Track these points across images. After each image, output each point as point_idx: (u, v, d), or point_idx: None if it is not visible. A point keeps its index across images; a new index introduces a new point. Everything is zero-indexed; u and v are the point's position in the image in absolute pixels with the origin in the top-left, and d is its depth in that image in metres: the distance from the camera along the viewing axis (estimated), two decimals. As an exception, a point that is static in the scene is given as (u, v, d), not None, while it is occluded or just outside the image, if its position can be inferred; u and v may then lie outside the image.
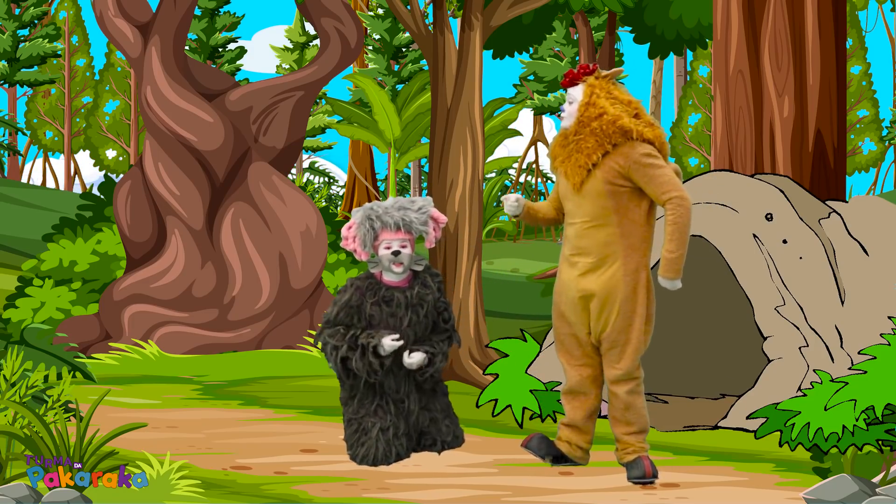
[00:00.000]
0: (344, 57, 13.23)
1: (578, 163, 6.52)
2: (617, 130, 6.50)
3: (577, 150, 6.55)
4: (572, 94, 6.63)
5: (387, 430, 6.92)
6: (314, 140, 40.25)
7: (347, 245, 7.01)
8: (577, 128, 6.57)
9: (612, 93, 6.60)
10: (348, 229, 7.01)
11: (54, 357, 8.73)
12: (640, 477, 6.44)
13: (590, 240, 6.53)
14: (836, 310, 7.66)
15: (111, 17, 12.89)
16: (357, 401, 7.01)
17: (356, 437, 6.97)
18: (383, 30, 34.87)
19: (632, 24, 19.17)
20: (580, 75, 6.65)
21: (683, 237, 6.41)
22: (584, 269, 6.54)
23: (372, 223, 6.93)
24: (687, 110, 35.54)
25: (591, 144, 6.50)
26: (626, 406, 6.57)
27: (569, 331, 6.67)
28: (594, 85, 6.62)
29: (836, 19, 10.04)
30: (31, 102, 41.15)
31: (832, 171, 9.95)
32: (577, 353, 6.69)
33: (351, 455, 6.96)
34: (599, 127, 6.51)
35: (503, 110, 27.96)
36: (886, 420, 6.72)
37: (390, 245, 6.91)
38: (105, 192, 14.08)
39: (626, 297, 6.48)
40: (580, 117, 6.56)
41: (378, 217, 6.93)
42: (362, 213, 6.98)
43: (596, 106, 6.55)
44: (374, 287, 6.97)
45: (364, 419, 6.95)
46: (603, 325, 6.53)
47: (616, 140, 6.49)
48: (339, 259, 14.26)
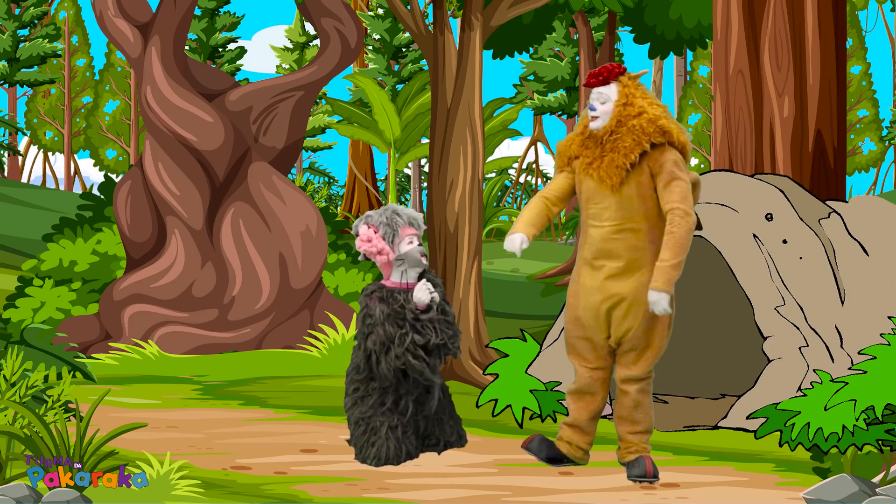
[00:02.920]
0: (344, 57, 13.23)
1: (616, 162, 6.37)
2: (657, 130, 6.39)
3: (612, 149, 6.40)
4: (605, 94, 6.47)
5: (395, 428, 6.94)
6: (314, 140, 40.24)
7: (372, 249, 7.00)
8: (613, 127, 6.43)
9: (646, 94, 6.52)
10: (367, 240, 7.01)
11: (54, 357, 8.73)
12: (640, 475, 6.43)
13: (619, 244, 6.44)
14: (836, 310, 7.66)
15: (111, 17, 12.89)
16: (370, 404, 7.02)
17: (365, 438, 6.97)
18: (383, 30, 34.87)
19: (632, 24, 19.18)
20: (615, 74, 6.54)
21: (679, 248, 6.31)
22: (611, 272, 6.45)
23: (393, 221, 6.98)
24: (687, 110, 35.54)
25: (629, 143, 6.37)
26: (635, 404, 6.54)
27: (582, 334, 6.61)
28: (629, 84, 6.51)
29: (836, 19, 10.04)
30: (31, 102, 41.14)
31: (832, 171, 9.95)
32: (591, 356, 6.64)
33: (361, 457, 6.95)
34: (639, 125, 6.37)
35: (503, 110, 27.96)
36: (886, 420, 6.72)
37: (412, 240, 6.98)
38: (105, 192, 14.08)
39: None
40: (618, 116, 6.42)
41: (397, 214, 7.01)
42: (381, 214, 7.03)
43: (634, 105, 6.44)
44: (392, 292, 6.98)
45: (372, 419, 6.97)
46: (627, 328, 6.47)
47: (656, 139, 6.37)
48: (339, 259, 14.26)
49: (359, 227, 7.08)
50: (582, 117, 6.64)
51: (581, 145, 6.54)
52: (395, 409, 6.98)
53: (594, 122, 6.49)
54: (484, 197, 25.13)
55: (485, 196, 29.93)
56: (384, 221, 7.01)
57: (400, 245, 6.97)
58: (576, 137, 6.59)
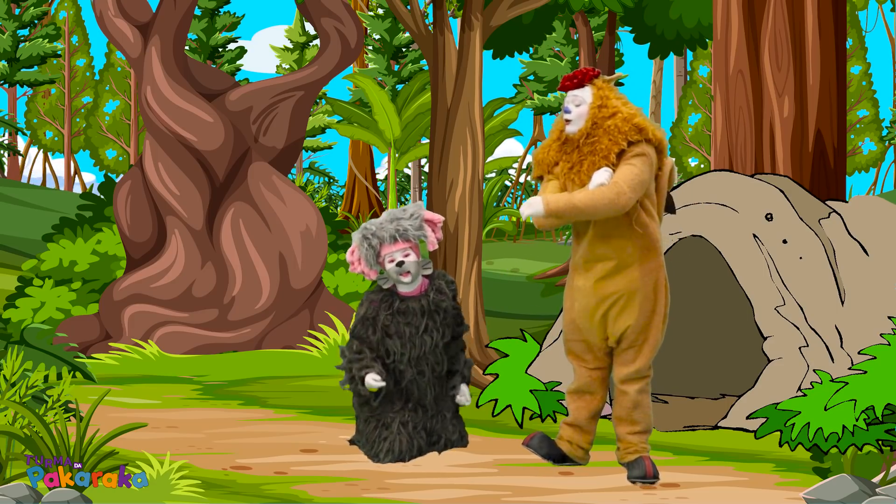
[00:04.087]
0: (344, 57, 13.23)
1: (596, 165, 6.36)
2: (633, 128, 6.39)
3: (591, 152, 6.39)
4: (580, 97, 6.47)
5: (406, 423, 6.96)
6: (314, 140, 40.25)
7: (355, 269, 7.10)
8: (589, 130, 6.42)
9: (620, 95, 6.53)
10: (352, 254, 7.09)
11: (54, 357, 8.72)
12: (640, 477, 6.43)
13: (607, 246, 6.44)
14: (836, 310, 7.66)
15: (111, 17, 12.89)
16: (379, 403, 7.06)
17: (376, 434, 6.99)
18: (383, 30, 34.87)
19: (632, 24, 19.19)
20: (589, 77, 6.54)
21: (587, 201, 6.25)
22: (603, 273, 6.46)
23: (369, 241, 7.02)
24: (687, 110, 35.55)
25: (606, 144, 6.35)
26: (634, 404, 6.54)
27: (579, 337, 6.63)
28: (602, 87, 6.51)
29: (836, 19, 10.04)
30: (31, 102, 41.15)
31: (832, 171, 9.95)
32: (589, 357, 6.66)
33: (372, 453, 6.97)
34: (614, 125, 6.37)
35: (503, 110, 27.95)
36: (886, 420, 6.72)
37: (393, 258, 6.98)
38: (105, 192, 14.08)
39: (646, 296, 6.45)
40: (593, 118, 6.41)
41: (373, 234, 7.03)
42: (359, 234, 7.09)
43: (608, 107, 6.45)
44: (389, 299, 7.05)
45: (383, 415, 6.99)
46: (624, 326, 6.48)
47: (632, 137, 6.35)
48: (339, 259, 14.26)
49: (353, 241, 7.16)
50: (556, 122, 6.62)
51: (559, 151, 6.53)
52: (406, 408, 7.02)
53: (569, 125, 6.49)
54: (484, 197, 25.13)
55: (485, 196, 29.93)
56: (357, 242, 7.07)
57: (385, 264, 7.02)
58: (552, 143, 6.56)
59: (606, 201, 6.28)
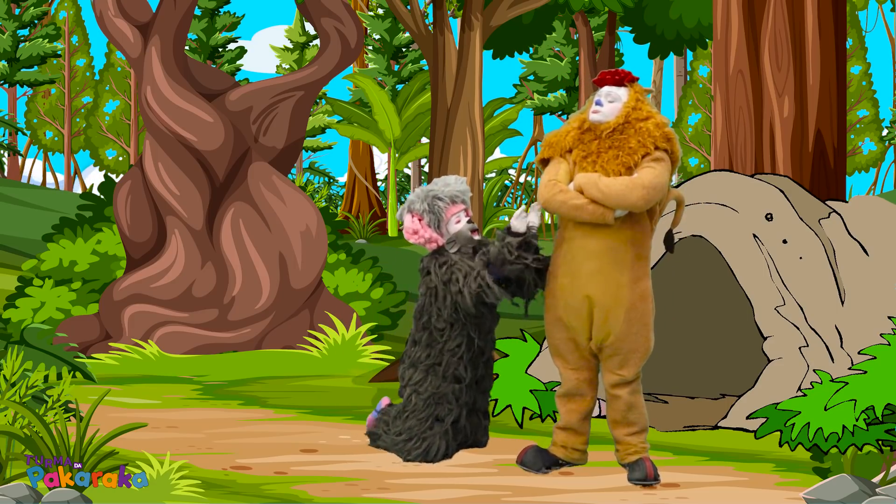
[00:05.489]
0: (344, 57, 13.23)
1: (620, 160, 6.35)
2: (663, 135, 6.38)
3: (616, 147, 6.37)
4: (615, 94, 6.44)
5: (456, 424, 6.93)
6: (314, 140, 40.27)
7: (419, 239, 6.94)
8: (620, 126, 6.39)
9: (652, 106, 6.54)
10: (413, 223, 6.92)
11: (54, 357, 8.73)
12: (641, 479, 6.41)
13: (600, 244, 6.38)
14: (836, 310, 7.66)
15: (111, 17, 12.90)
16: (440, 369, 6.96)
17: (418, 429, 6.92)
18: (383, 30, 34.89)
19: (632, 24, 19.21)
20: (629, 79, 6.51)
21: (611, 188, 6.24)
22: (589, 272, 6.40)
23: (437, 205, 6.89)
24: (687, 110, 35.57)
25: (634, 144, 6.34)
26: (628, 406, 6.51)
27: (565, 335, 6.57)
28: (640, 91, 6.53)
29: (836, 19, 10.04)
30: (31, 102, 41.17)
31: (832, 171, 9.95)
32: (574, 357, 6.59)
33: (402, 448, 6.93)
34: (646, 128, 6.36)
35: (503, 110, 27.98)
36: (886, 420, 6.73)
37: (459, 218, 6.92)
38: (105, 192, 14.09)
39: (632, 306, 6.39)
40: (627, 116, 6.40)
41: (437, 197, 6.91)
42: (419, 202, 6.93)
43: (643, 110, 6.46)
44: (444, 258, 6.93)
45: (439, 407, 6.93)
46: (606, 332, 6.42)
47: (660, 144, 6.35)
48: (339, 259, 14.26)
49: (402, 216, 6.99)
50: (580, 112, 6.60)
51: (577, 139, 6.50)
52: (462, 386, 6.93)
53: (596, 114, 6.46)
54: (484, 197, 25.14)
55: (485, 196, 29.93)
56: (426, 209, 6.93)
57: (448, 227, 6.93)
58: (571, 130, 6.52)
59: (622, 187, 6.26)
